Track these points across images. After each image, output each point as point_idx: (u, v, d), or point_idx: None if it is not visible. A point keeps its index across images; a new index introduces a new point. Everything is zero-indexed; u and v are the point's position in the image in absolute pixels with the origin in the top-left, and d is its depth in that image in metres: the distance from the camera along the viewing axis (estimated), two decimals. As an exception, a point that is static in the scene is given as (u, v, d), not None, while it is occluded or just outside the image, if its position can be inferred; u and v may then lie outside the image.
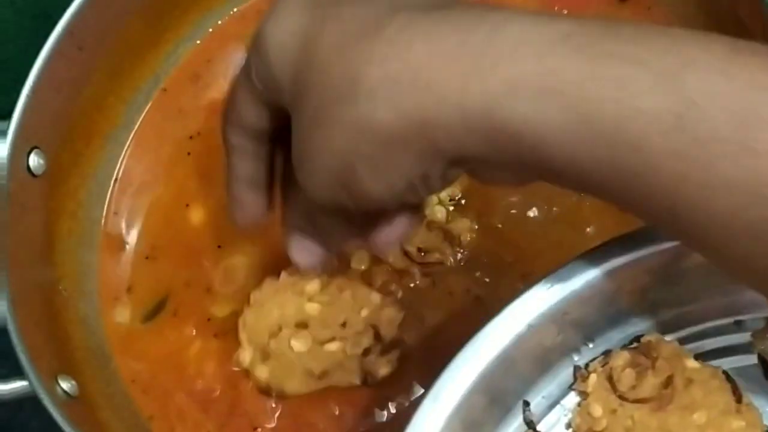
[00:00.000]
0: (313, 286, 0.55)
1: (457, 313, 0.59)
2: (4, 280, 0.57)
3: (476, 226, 0.60)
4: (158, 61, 0.70)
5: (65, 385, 0.57)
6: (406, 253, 0.59)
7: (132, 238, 0.66)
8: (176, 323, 0.62)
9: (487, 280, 0.59)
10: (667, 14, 0.62)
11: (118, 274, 0.65)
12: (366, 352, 0.56)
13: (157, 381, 0.62)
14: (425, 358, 0.58)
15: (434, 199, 0.60)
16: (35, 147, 0.61)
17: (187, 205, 0.66)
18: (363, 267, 0.60)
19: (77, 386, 0.58)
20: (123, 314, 0.64)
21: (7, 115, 0.60)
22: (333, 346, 0.55)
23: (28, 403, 0.55)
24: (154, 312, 0.63)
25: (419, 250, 0.59)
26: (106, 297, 0.64)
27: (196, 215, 0.65)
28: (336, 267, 0.57)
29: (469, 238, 0.59)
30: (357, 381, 0.56)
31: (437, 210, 0.59)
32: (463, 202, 0.60)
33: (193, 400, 0.60)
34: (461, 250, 0.59)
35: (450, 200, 0.60)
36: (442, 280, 0.60)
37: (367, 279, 0.59)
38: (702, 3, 0.60)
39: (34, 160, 0.61)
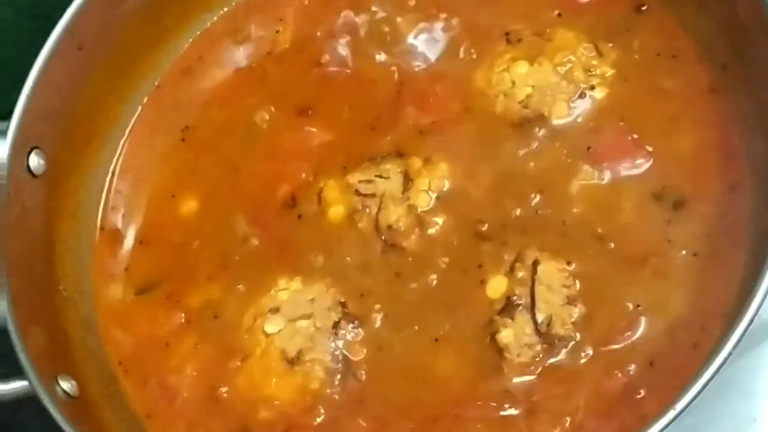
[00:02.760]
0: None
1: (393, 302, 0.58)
2: (4, 280, 0.57)
3: (448, 223, 0.59)
4: (157, 60, 0.70)
5: (65, 385, 0.57)
6: (376, 227, 0.59)
7: (128, 228, 0.66)
8: (168, 306, 0.62)
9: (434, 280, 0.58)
10: (666, 15, 0.62)
11: (114, 260, 0.65)
12: (336, 326, 0.57)
13: (144, 365, 0.61)
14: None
15: (425, 184, 0.60)
16: (35, 147, 0.61)
17: (174, 196, 0.66)
18: (337, 219, 0.61)
19: (77, 386, 0.58)
20: (117, 289, 0.64)
21: (7, 115, 0.60)
22: (304, 323, 0.57)
23: (28, 403, 0.55)
24: (147, 288, 0.63)
25: (389, 227, 0.59)
26: (101, 278, 0.65)
27: (189, 205, 0.66)
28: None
29: (435, 231, 0.59)
30: (330, 360, 0.57)
31: (422, 197, 0.59)
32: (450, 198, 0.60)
33: (181, 391, 0.60)
34: (424, 236, 0.59)
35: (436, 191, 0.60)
36: (394, 266, 0.59)
37: (335, 230, 0.60)
38: (702, 3, 0.60)
39: (34, 160, 0.61)
